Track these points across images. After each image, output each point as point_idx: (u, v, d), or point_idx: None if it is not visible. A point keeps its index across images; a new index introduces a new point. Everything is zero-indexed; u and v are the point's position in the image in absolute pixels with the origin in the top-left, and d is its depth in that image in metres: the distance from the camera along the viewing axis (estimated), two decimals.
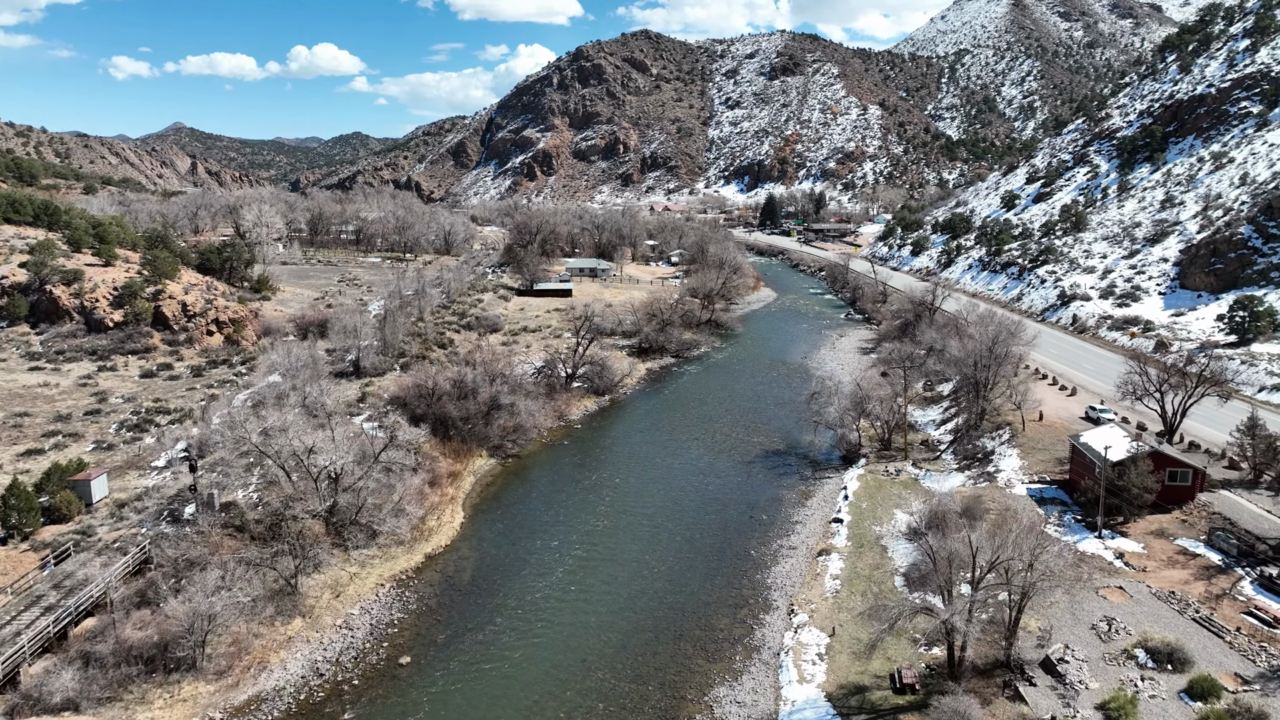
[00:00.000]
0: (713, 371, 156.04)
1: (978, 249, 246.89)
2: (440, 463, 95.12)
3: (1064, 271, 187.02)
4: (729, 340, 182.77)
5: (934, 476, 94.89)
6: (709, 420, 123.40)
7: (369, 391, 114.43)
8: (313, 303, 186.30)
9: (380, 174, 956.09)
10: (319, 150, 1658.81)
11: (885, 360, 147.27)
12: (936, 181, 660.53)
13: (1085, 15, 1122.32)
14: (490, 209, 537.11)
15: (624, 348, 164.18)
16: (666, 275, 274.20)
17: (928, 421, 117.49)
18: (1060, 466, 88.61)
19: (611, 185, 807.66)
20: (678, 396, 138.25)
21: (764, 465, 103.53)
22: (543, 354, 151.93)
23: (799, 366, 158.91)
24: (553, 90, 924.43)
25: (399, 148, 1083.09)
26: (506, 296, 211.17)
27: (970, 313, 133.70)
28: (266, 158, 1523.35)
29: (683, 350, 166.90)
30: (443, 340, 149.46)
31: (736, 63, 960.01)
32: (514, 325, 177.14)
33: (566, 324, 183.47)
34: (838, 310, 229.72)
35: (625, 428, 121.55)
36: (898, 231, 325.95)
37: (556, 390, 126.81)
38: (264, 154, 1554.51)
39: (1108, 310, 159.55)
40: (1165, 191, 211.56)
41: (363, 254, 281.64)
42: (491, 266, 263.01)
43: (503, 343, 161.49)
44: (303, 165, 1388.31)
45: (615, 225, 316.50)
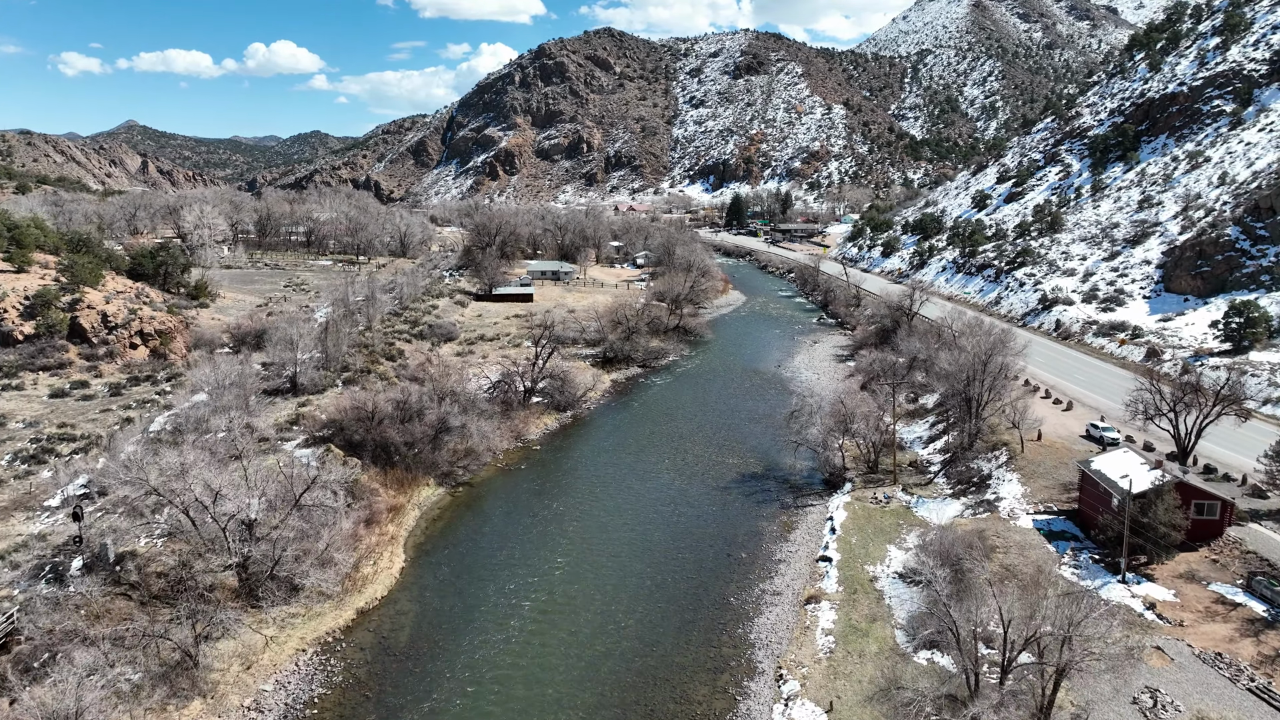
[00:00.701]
0: (682, 383, 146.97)
1: (951, 250, 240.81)
2: (380, 496, 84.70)
3: (1043, 274, 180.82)
4: (698, 348, 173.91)
5: (927, 504, 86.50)
6: (680, 438, 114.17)
7: (305, 412, 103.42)
8: (254, 310, 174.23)
9: (338, 173, 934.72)
10: (277, 149, 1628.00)
11: (864, 370, 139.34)
12: (902, 181, 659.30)
13: (1044, 17, 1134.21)
14: (450, 209, 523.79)
15: (588, 357, 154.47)
16: (632, 278, 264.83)
17: (914, 438, 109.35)
18: (1066, 494, 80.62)
19: (575, 185, 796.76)
20: (645, 411, 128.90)
21: (741, 491, 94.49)
22: (501, 365, 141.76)
23: (773, 376, 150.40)
24: (515, 88, 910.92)
25: (358, 146, 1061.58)
26: (464, 302, 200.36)
27: (954, 320, 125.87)
28: (222, 157, 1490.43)
29: (650, 359, 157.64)
30: (391, 352, 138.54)
31: (700, 61, 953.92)
32: (470, 333, 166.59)
33: (526, 331, 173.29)
34: (809, 314, 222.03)
35: (589, 448, 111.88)
36: (867, 232, 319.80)
37: (513, 407, 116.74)
38: (220, 153, 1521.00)
39: (1092, 315, 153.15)
40: (1141, 191, 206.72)
41: (313, 257, 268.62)
42: (449, 270, 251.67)
43: (457, 353, 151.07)
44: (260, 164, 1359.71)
45: (578, 226, 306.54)
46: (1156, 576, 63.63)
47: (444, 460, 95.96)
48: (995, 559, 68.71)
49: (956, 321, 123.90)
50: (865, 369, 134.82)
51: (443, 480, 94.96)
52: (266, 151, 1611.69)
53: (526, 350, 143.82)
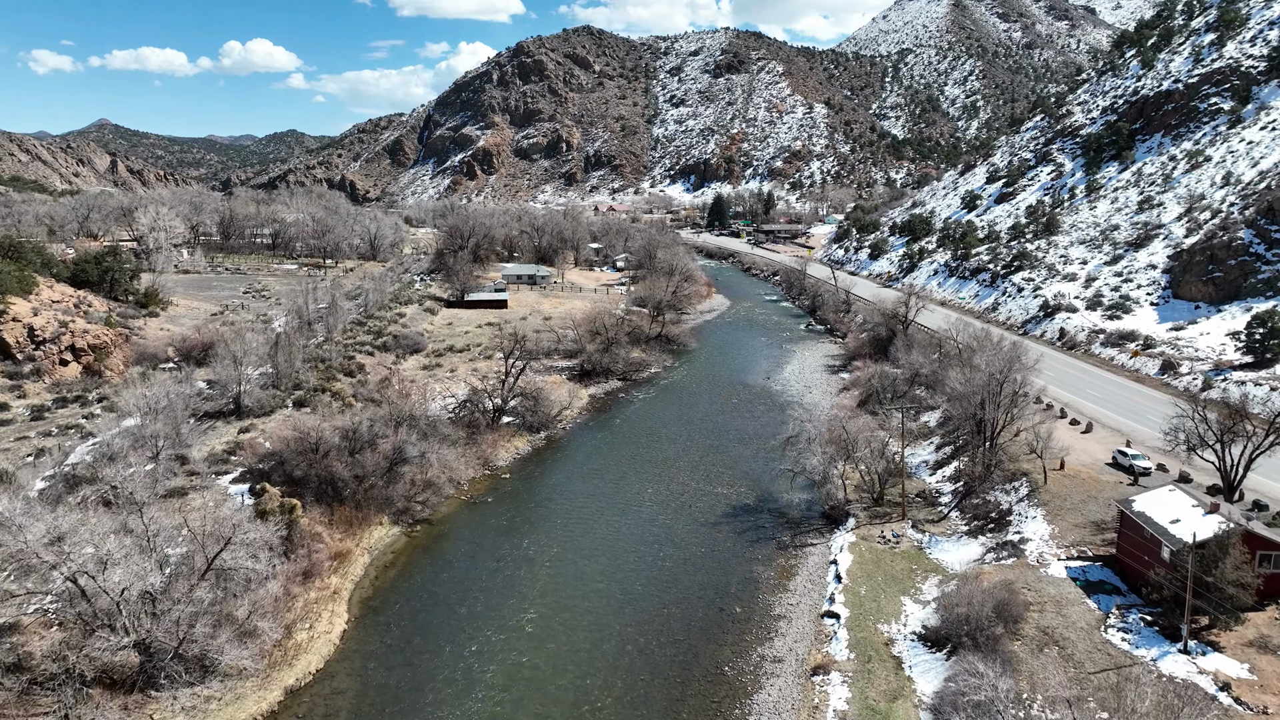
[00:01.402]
0: (665, 398, 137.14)
1: (941, 253, 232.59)
2: (323, 542, 74.21)
3: (1043, 279, 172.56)
4: (681, 358, 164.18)
5: (942, 544, 77.17)
6: (663, 463, 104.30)
7: (246, 440, 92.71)
8: (207, 319, 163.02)
9: (313, 173, 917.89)
10: (252, 148, 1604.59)
11: (861, 384, 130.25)
12: (884, 181, 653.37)
13: (1023, 17, 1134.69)
14: (425, 209, 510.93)
15: (564, 371, 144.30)
16: (611, 281, 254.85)
17: (919, 462, 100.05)
18: (1100, 534, 71.53)
19: (554, 185, 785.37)
20: (626, 431, 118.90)
21: (732, 528, 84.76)
22: (470, 380, 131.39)
23: (762, 390, 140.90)
24: (493, 87, 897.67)
25: (333, 145, 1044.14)
26: (433, 309, 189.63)
27: (959, 331, 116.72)
28: (196, 156, 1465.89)
29: (630, 372, 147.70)
30: (350, 367, 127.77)
31: (680, 60, 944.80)
32: (439, 344, 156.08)
33: (498, 341, 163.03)
34: (797, 320, 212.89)
35: (564, 475, 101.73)
36: (853, 233, 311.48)
37: (481, 430, 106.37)
38: (193, 152, 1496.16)
39: (1098, 323, 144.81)
40: (1140, 192, 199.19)
41: (278, 260, 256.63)
42: (420, 274, 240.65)
43: (424, 367, 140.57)
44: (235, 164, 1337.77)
45: (556, 227, 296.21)
46: (1224, 645, 54.44)
47: (400, 495, 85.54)
48: (1030, 619, 59.39)
49: (961, 333, 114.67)
50: (862, 384, 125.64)
51: (398, 518, 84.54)
52: (242, 151, 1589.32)
53: (498, 363, 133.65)
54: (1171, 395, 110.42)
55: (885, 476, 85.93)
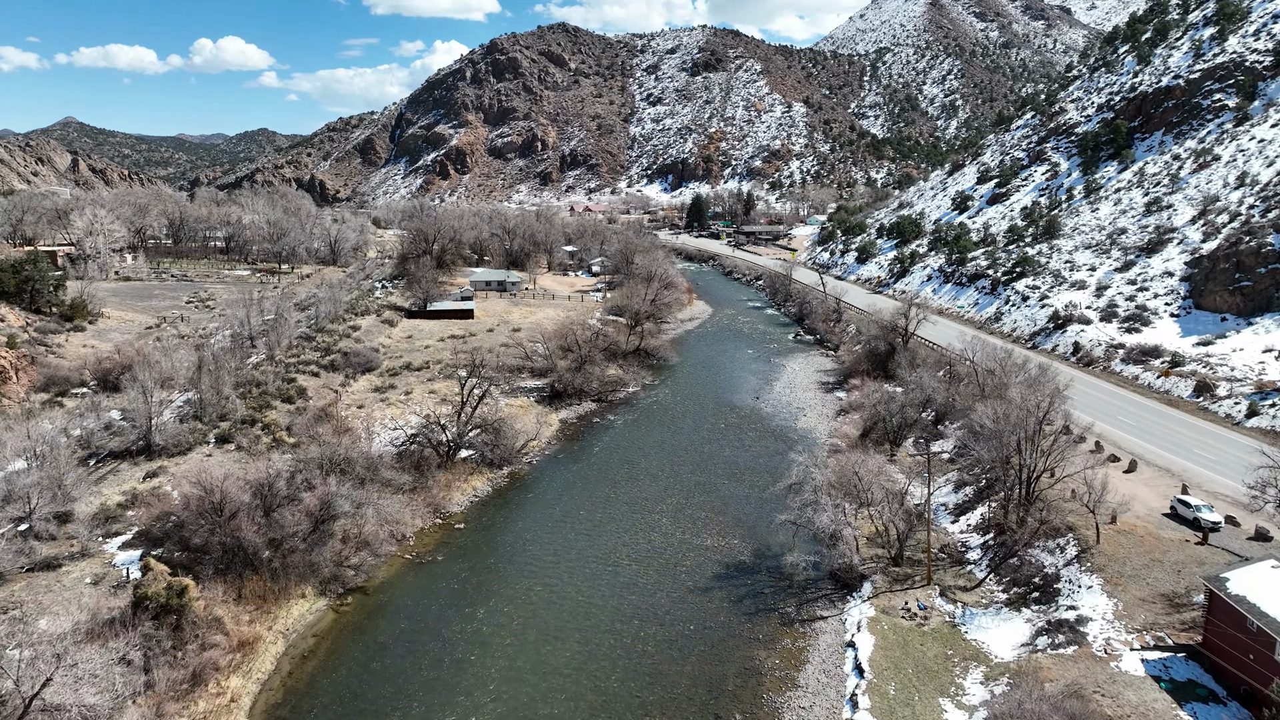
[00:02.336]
0: (645, 422, 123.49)
1: (934, 257, 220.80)
2: (225, 628, 59.95)
3: (1048, 286, 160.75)
4: (662, 374, 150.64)
5: (979, 619, 64.18)
6: (644, 507, 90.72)
7: (145, 491, 78.01)
8: (140, 334, 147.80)
9: (281, 172, 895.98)
10: (223, 147, 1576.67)
11: (862, 410, 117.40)
12: (865, 180, 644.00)
13: (1000, 16, 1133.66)
14: (395, 210, 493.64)
15: (532, 392, 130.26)
16: (587, 287, 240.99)
17: (937, 505, 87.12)
18: (1174, 612, 58.90)
19: (529, 184, 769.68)
20: (601, 465, 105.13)
21: (725, 595, 71.33)
22: (426, 404, 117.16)
23: (751, 413, 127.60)
24: (466, 84, 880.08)
25: (302, 144, 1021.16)
26: (392, 320, 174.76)
27: (972, 348, 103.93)
28: (164, 155, 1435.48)
29: (606, 392, 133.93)
30: (289, 391, 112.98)
31: (657, 58, 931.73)
32: (395, 361, 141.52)
33: (462, 357, 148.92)
34: (784, 329, 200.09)
35: (528, 523, 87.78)
36: (838, 235, 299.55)
37: (432, 469, 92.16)
38: (162, 151, 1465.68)
39: (1115, 336, 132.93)
40: (1144, 193, 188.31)
41: (231, 266, 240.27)
42: (382, 280, 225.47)
43: (375, 388, 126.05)
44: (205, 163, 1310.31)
45: (529, 229, 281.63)
46: None
47: (328, 559, 71.35)
48: None
49: (976, 351, 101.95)
50: (863, 409, 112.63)
51: (325, 588, 70.28)
52: (212, 150, 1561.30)
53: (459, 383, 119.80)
54: (1213, 422, 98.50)
55: (906, 535, 72.66)
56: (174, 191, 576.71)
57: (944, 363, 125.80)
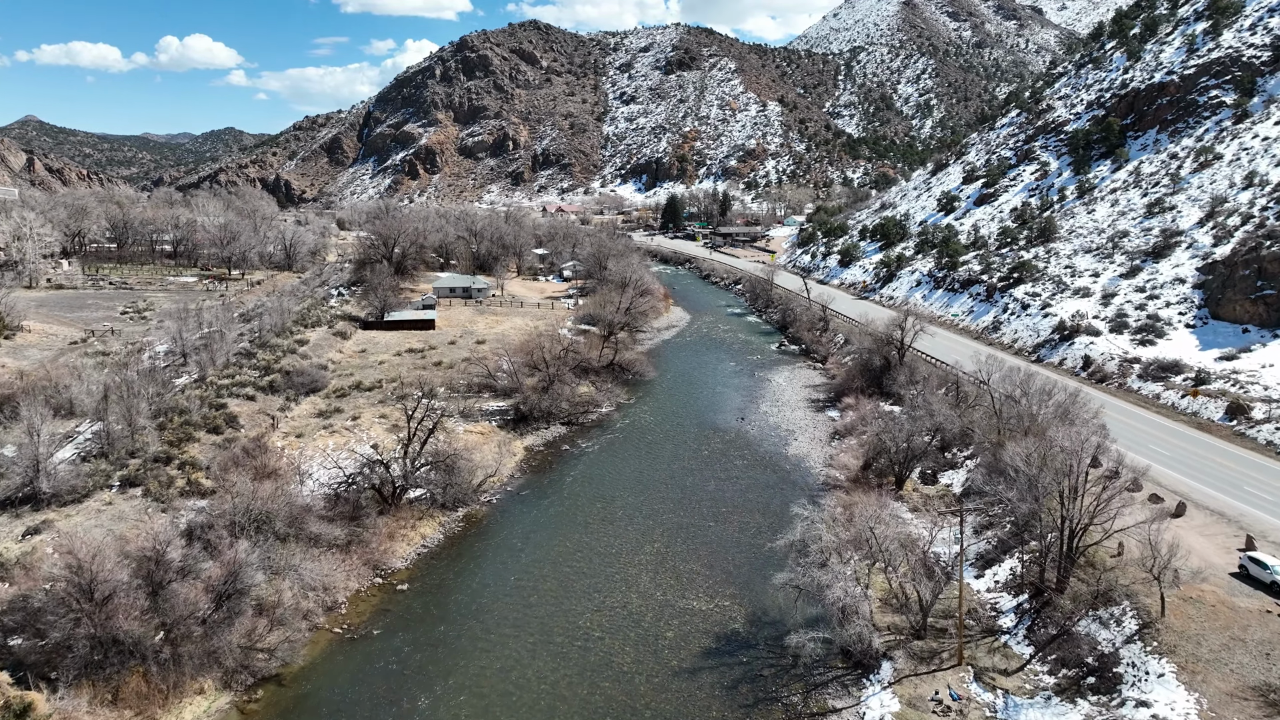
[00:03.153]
0: (620, 449, 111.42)
1: (922, 260, 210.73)
2: None
3: (1049, 294, 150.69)
4: (638, 392, 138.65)
5: (1026, 713, 52.82)
6: (618, 559, 78.69)
7: (21, 553, 64.71)
8: (64, 350, 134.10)
9: (245, 172, 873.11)
10: (189, 147, 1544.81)
11: (856, 431, 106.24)
12: (841, 180, 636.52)
13: (973, 16, 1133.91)
14: (361, 212, 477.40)
15: (495, 415, 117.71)
16: (558, 293, 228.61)
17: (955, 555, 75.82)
18: (1271, 709, 47.79)
19: (501, 184, 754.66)
20: (570, 503, 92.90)
21: (717, 681, 59.44)
22: (375, 431, 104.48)
23: (736, 437, 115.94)
24: (435, 82, 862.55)
25: (268, 144, 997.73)
26: (345, 332, 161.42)
27: (984, 367, 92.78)
28: (128, 154, 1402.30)
29: (577, 414, 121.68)
30: (216, 420, 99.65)
31: (631, 56, 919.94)
32: (344, 379, 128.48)
33: (422, 371, 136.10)
34: (766, 339, 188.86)
35: (484, 581, 75.39)
36: (819, 237, 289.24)
37: (372, 516, 79.46)
38: (125, 150, 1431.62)
39: (1128, 349, 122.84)
40: (1143, 193, 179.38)
41: (177, 272, 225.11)
42: (339, 287, 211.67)
43: (319, 413, 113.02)
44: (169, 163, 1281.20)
45: (497, 232, 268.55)
46: None
47: (235, 642, 58.64)
48: None
49: (992, 371, 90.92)
50: (861, 434, 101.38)
51: (230, 679, 57.52)
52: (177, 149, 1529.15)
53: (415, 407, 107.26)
54: (1254, 451, 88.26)
55: (930, 604, 61.13)
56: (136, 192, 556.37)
57: (947, 380, 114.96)
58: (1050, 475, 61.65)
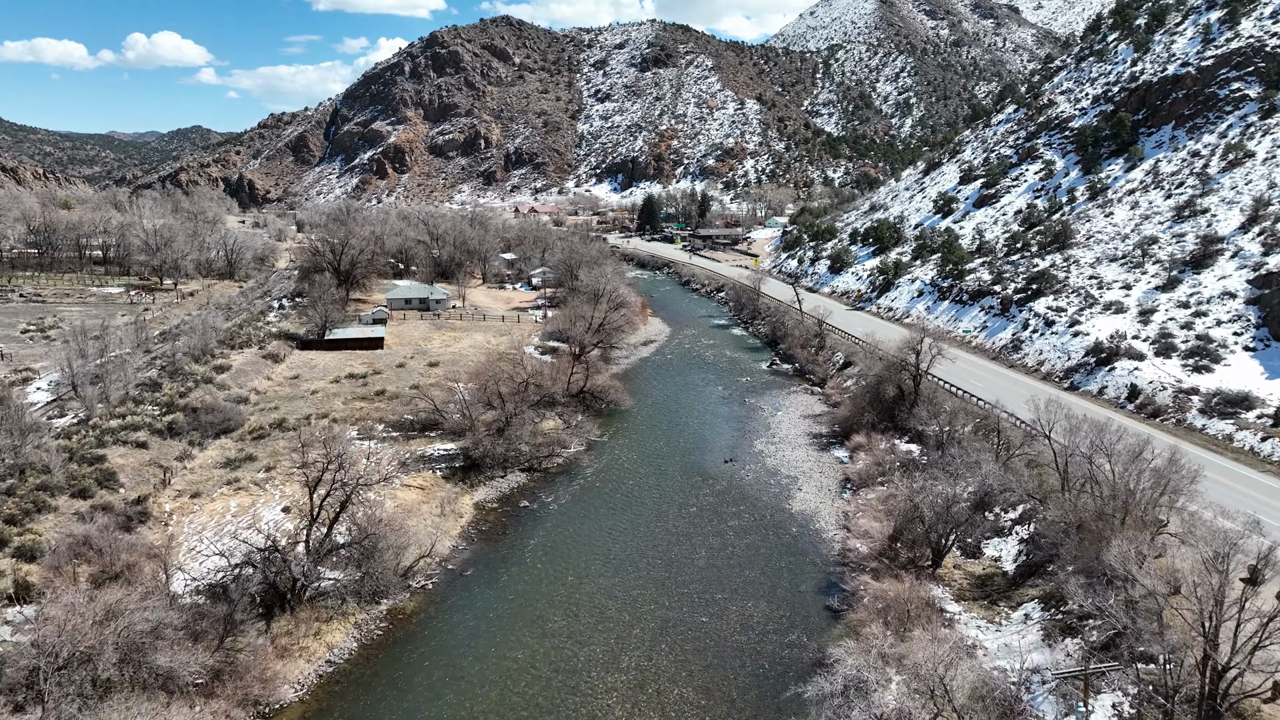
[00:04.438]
0: (589, 504, 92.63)
1: (922, 267, 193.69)
2: None
3: (1077, 309, 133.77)
4: (612, 425, 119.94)
5: None
6: (585, 680, 59.97)
7: None
8: None
9: (208, 171, 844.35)
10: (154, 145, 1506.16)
11: (873, 479, 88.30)
12: (822, 180, 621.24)
13: (950, 14, 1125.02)
14: (323, 213, 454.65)
15: (440, 463, 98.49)
16: (525, 303, 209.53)
17: (998, 644, 57.76)
18: None
19: (473, 184, 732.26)
20: (526, 591, 73.86)
21: None
22: (289, 487, 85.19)
23: (728, 484, 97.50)
24: (405, 79, 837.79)
25: (231, 142, 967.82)
26: (278, 353, 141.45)
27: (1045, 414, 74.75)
28: (90, 153, 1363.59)
29: (539, 457, 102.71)
30: (85, 480, 79.66)
31: (605, 53, 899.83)
32: (266, 415, 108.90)
33: (361, 403, 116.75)
34: (755, 355, 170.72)
35: (406, 713, 56.42)
36: (806, 241, 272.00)
37: (250, 628, 60.12)
38: (88, 149, 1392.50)
39: (1180, 377, 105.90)
40: (1165, 194, 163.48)
41: (102, 282, 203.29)
42: (282, 297, 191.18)
43: (226, 462, 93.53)
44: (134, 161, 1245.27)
45: (461, 236, 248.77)
46: None
47: None
48: None
49: (1054, 419, 73.05)
50: (896, 510, 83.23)
51: None
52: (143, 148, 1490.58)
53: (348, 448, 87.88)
54: None
55: None
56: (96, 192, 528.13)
57: (973, 414, 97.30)
58: (1183, 593, 43.68)
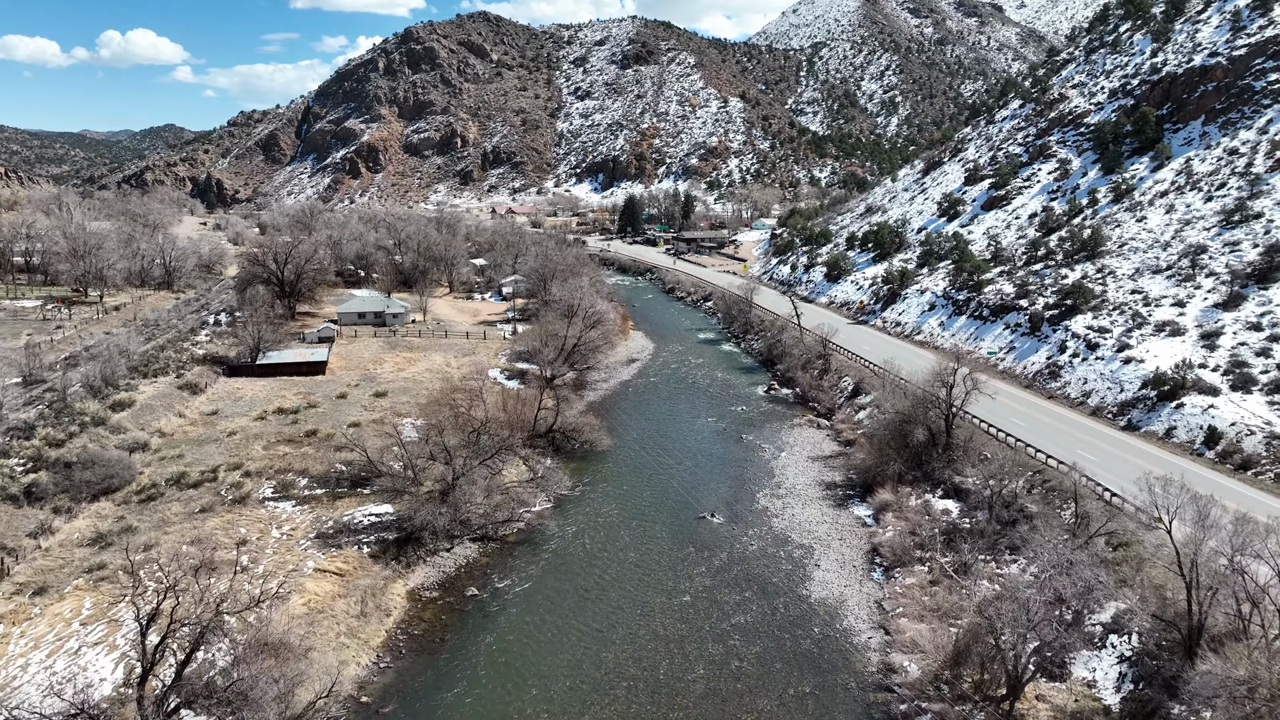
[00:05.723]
0: (553, 591, 73.33)
1: (931, 276, 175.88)
2: None
3: (1124, 329, 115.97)
4: (586, 472, 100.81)
5: None
6: None
7: None
8: None
9: (175, 170, 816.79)
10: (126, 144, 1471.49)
11: (910, 558, 69.96)
12: (809, 180, 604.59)
13: (934, 13, 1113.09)
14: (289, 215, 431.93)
15: (369, 533, 78.92)
16: (495, 315, 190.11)
17: None
18: None
19: (449, 184, 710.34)
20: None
21: None
22: (177, 574, 65.47)
23: (728, 558, 78.54)
24: (379, 76, 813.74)
25: (199, 140, 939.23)
26: (199, 382, 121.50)
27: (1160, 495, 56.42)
28: (60, 152, 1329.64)
29: (495, 522, 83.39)
30: None
31: (585, 50, 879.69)
32: (166, 466, 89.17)
33: (287, 446, 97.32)
34: (749, 377, 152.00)
35: None
36: (798, 245, 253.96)
37: None
38: (57, 147, 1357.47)
39: (1269, 417, 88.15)
40: (1205, 196, 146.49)
41: (19, 293, 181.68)
42: (223, 311, 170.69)
43: (96, 537, 74.04)
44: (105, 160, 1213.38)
45: (426, 241, 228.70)
46: None
47: None
48: None
49: (1173, 500, 54.67)
50: (965, 633, 64.77)
51: None
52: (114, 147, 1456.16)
53: (252, 516, 69.00)
54: None
55: None
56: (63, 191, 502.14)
57: (1024, 466, 78.95)
58: None
